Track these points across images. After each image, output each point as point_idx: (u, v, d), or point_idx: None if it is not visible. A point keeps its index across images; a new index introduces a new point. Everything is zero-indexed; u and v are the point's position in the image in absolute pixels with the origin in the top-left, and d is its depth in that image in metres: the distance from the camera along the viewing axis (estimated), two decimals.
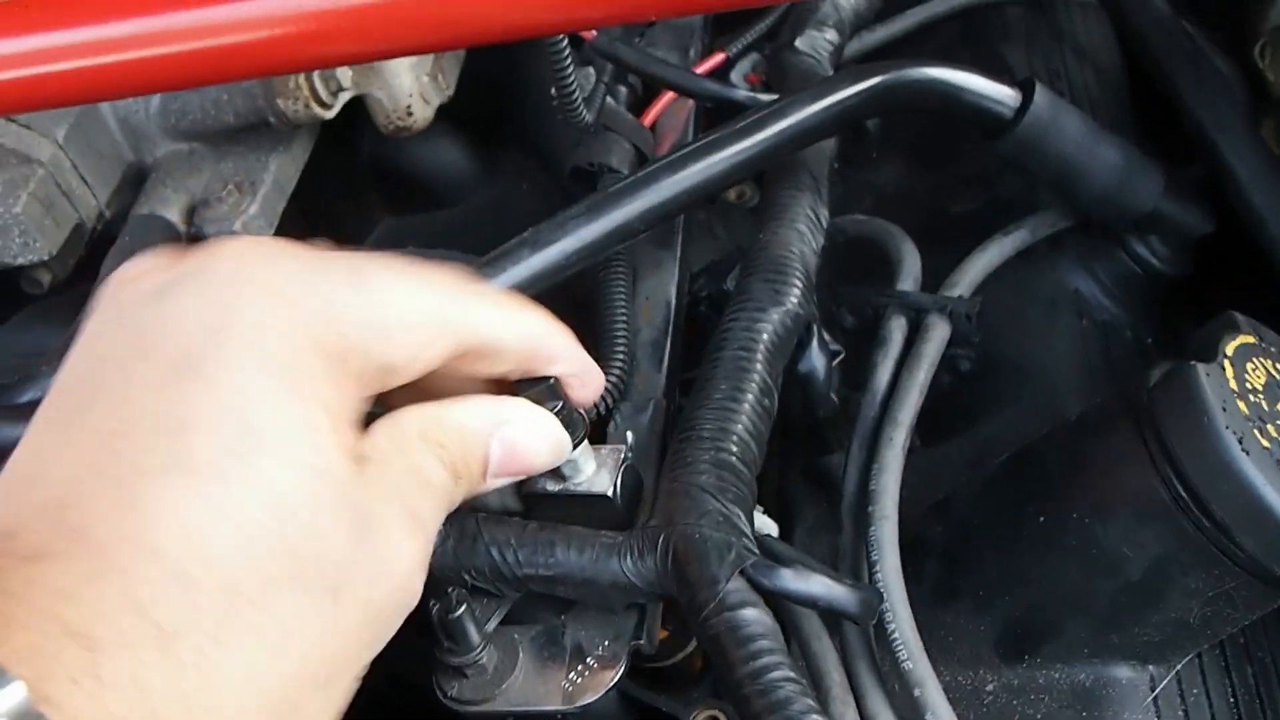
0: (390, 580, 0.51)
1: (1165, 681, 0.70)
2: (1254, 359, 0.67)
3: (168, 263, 0.53)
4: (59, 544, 0.43)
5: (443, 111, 1.02)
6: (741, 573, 0.60)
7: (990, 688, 0.72)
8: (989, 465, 0.77)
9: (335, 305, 0.51)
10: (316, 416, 0.48)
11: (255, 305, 0.49)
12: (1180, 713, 0.70)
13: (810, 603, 0.62)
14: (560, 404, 0.60)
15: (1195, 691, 0.71)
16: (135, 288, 0.52)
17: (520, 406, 0.60)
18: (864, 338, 0.86)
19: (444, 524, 0.61)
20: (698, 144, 0.76)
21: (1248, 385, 0.65)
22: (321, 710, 0.49)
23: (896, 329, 0.84)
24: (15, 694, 0.38)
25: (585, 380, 0.63)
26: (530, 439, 0.59)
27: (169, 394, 0.46)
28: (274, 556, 0.45)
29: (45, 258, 0.89)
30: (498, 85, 1.07)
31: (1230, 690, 0.73)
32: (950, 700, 0.66)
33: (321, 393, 0.49)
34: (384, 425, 0.54)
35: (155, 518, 0.44)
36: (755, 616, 0.59)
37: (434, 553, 0.61)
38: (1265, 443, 0.62)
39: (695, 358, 0.76)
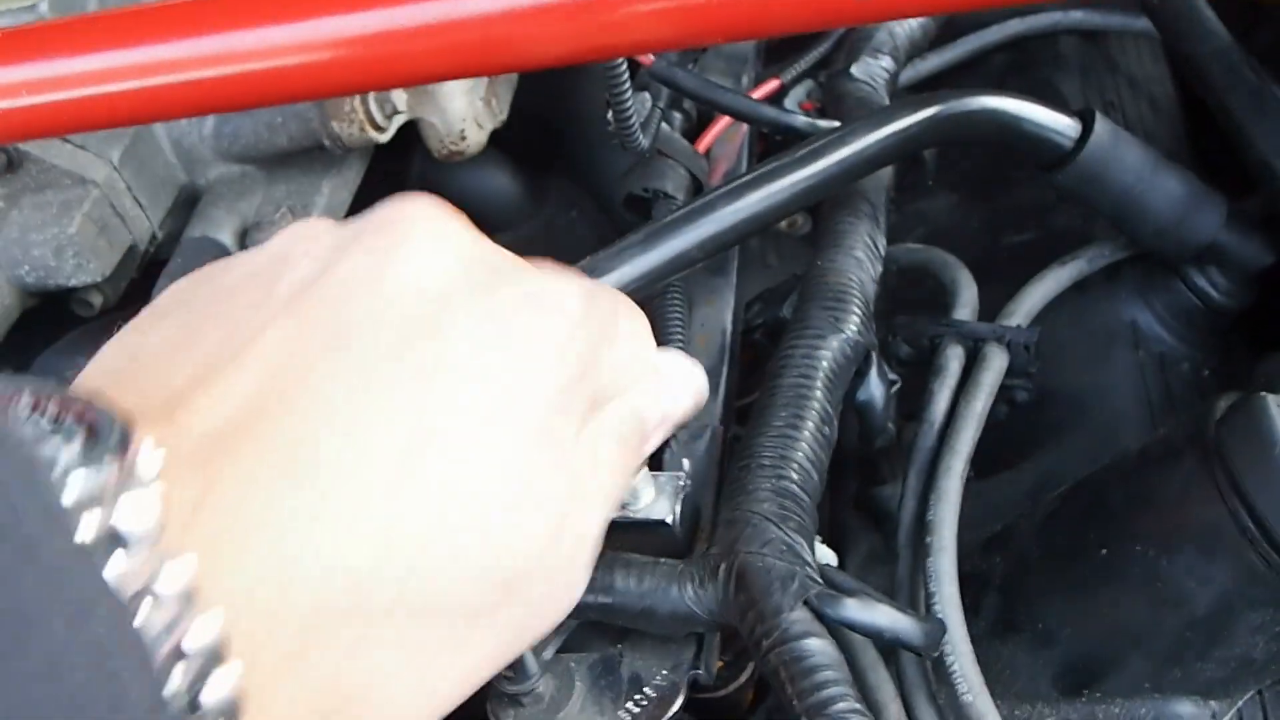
0: (562, 595, 0.50)
1: (1227, 717, 0.69)
2: None
3: (475, 247, 0.50)
4: (290, 471, 0.41)
5: (492, 138, 1.02)
6: (805, 602, 0.60)
7: None
8: (1047, 497, 0.76)
9: (606, 357, 0.51)
10: (562, 456, 0.48)
11: (546, 358, 0.48)
12: None
13: (875, 634, 0.61)
14: None
15: None
16: (453, 251, 0.49)
17: (672, 365, 0.58)
18: (919, 368, 0.85)
19: None
20: (757, 172, 0.76)
21: None
22: (468, 684, 0.48)
23: (954, 358, 0.83)
24: (210, 628, 0.36)
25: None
26: (678, 394, 0.58)
27: (442, 393, 0.44)
28: (479, 591, 0.45)
29: (98, 279, 0.89)
30: (549, 112, 1.07)
31: None
32: None
33: (570, 420, 0.49)
34: (590, 428, 0.52)
35: (388, 502, 0.42)
36: (820, 647, 0.58)
37: None
38: None
39: (750, 385, 0.76)
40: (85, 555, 0.34)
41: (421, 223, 0.49)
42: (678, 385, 0.58)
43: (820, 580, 0.61)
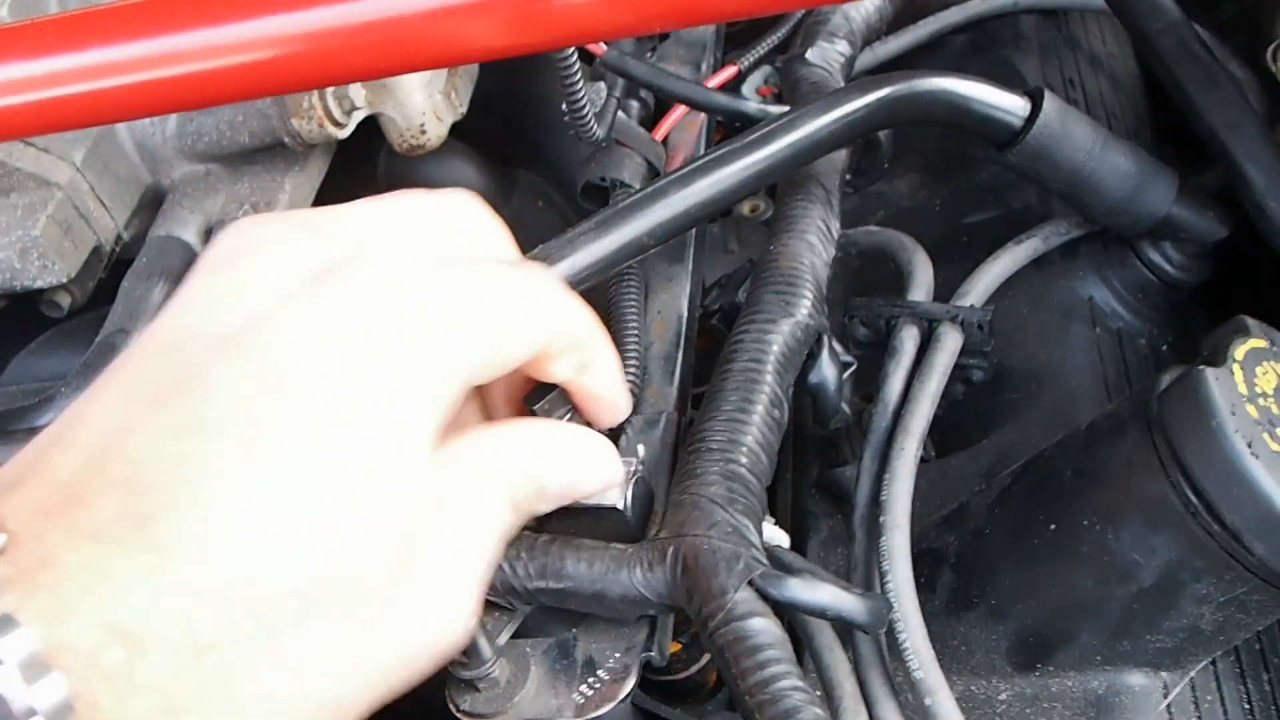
0: (432, 625, 0.51)
1: (1179, 688, 0.70)
2: (1264, 363, 0.67)
3: (298, 241, 0.51)
4: (120, 530, 0.42)
5: (457, 131, 1.03)
6: (750, 583, 0.60)
7: (1003, 697, 0.72)
8: (1002, 475, 0.77)
9: (459, 348, 0.51)
10: (402, 469, 0.48)
11: (388, 345, 0.48)
12: (1195, 719, 0.70)
13: (819, 612, 0.62)
14: (569, 411, 0.61)
15: (1210, 699, 0.71)
16: (260, 263, 0.50)
17: (576, 437, 0.60)
18: (877, 349, 0.86)
19: None
20: (707, 158, 0.76)
21: (1257, 389, 0.65)
22: (345, 711, 0.49)
23: (908, 339, 0.84)
24: (57, 689, 0.39)
25: (614, 408, 0.64)
26: (587, 470, 0.61)
27: (266, 409, 0.46)
28: (319, 589, 0.46)
29: (64, 280, 0.90)
30: (511, 104, 1.08)
31: (1245, 697, 0.72)
32: (964, 710, 0.66)
33: (417, 442, 0.49)
34: (458, 460, 0.53)
35: (217, 531, 0.44)
36: (763, 626, 0.59)
37: None
38: (1276, 446, 0.62)
39: (708, 371, 0.77)
40: None
41: (248, 251, 0.50)
42: (582, 462, 0.60)
43: (765, 561, 0.62)
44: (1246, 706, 0.72)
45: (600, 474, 0.62)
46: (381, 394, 0.48)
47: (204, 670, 0.43)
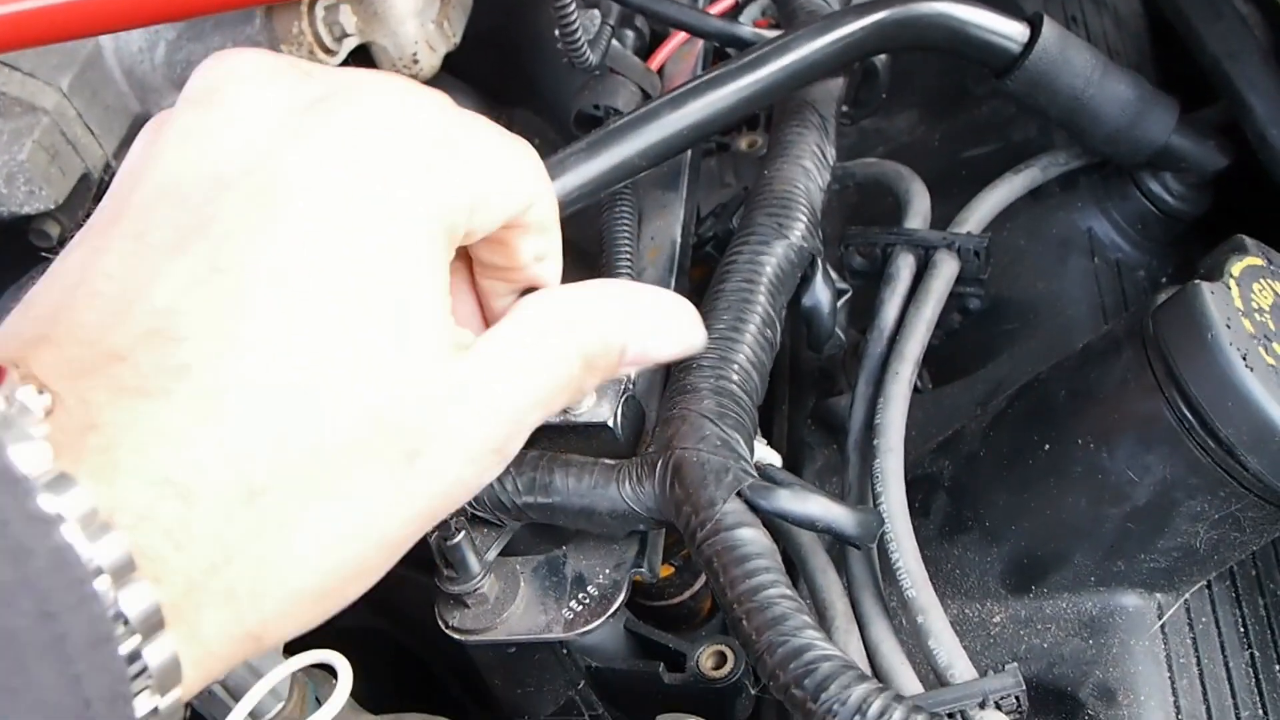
0: (470, 459, 0.50)
1: (1173, 610, 0.69)
2: (1261, 280, 0.66)
3: (289, 73, 0.50)
4: (163, 380, 0.42)
5: (454, 68, 1.02)
6: (739, 495, 0.60)
7: (997, 619, 0.71)
8: (997, 402, 0.76)
9: (463, 179, 0.50)
10: (421, 298, 0.48)
11: (399, 172, 0.48)
12: (1189, 641, 0.69)
13: (808, 523, 0.61)
14: None
15: (1204, 620, 0.70)
16: (255, 94, 0.49)
17: (657, 296, 0.59)
18: (873, 279, 0.85)
19: None
20: (700, 80, 0.76)
21: (1254, 304, 0.64)
22: (380, 569, 0.49)
23: (904, 266, 0.83)
24: (117, 547, 0.39)
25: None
26: (665, 334, 0.59)
27: (288, 248, 0.45)
28: (363, 422, 0.45)
29: (51, 207, 0.89)
30: (506, 40, 1.07)
31: (1240, 620, 0.72)
32: (958, 632, 0.66)
33: (429, 275, 0.49)
34: (529, 309, 0.54)
35: (260, 370, 0.43)
36: (752, 536, 0.59)
37: None
38: (1270, 360, 0.61)
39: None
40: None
41: (233, 82, 0.49)
42: (658, 323, 0.58)
43: (755, 474, 0.62)
44: (1241, 630, 0.72)
45: (675, 341, 0.59)
46: (401, 222, 0.47)
47: (258, 514, 0.43)
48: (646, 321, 0.58)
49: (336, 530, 0.45)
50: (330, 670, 0.63)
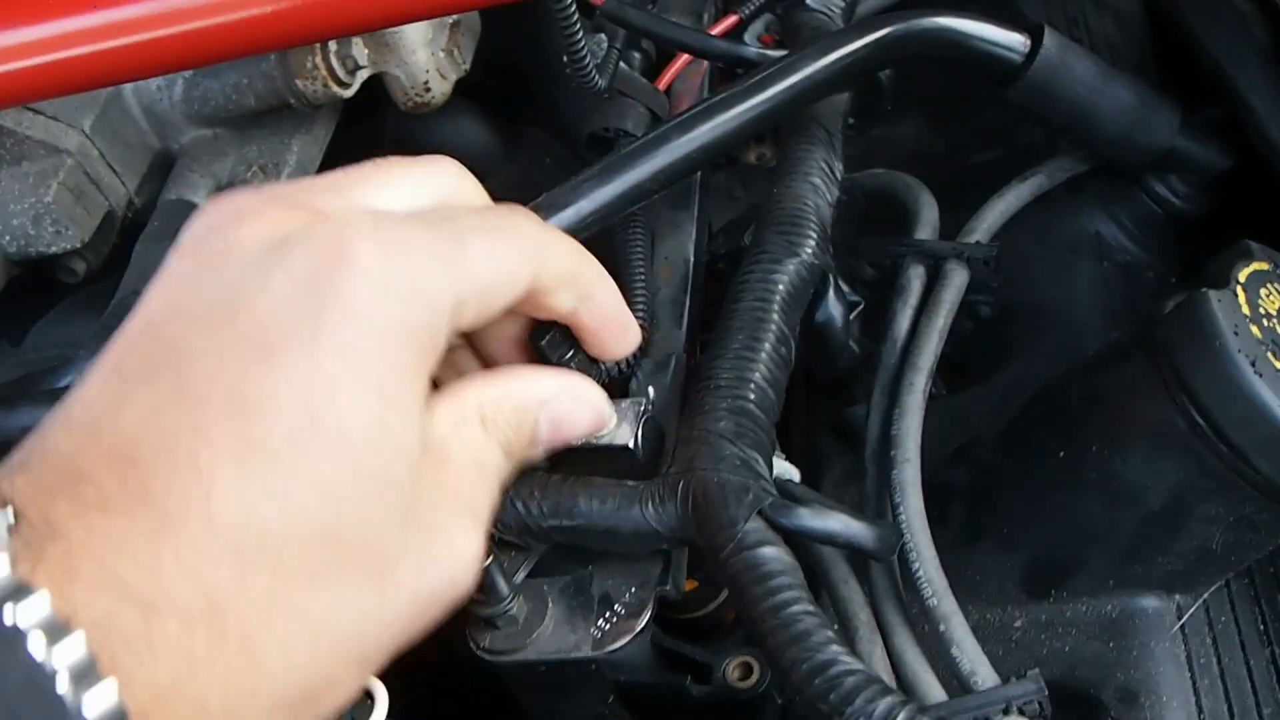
0: (439, 573, 0.52)
1: (1192, 610, 0.70)
2: (1268, 285, 0.67)
3: (268, 214, 0.52)
4: (123, 501, 0.43)
5: (463, 90, 1.03)
6: (760, 513, 0.61)
7: (1018, 624, 0.72)
8: (1011, 408, 0.77)
9: (432, 292, 0.51)
10: (388, 417, 0.49)
11: (354, 295, 0.49)
12: (1208, 640, 0.70)
13: (828, 539, 0.63)
14: (571, 350, 0.62)
15: (1224, 619, 0.72)
16: (231, 239, 0.51)
17: (563, 378, 0.61)
18: (884, 290, 0.86)
19: None
20: (707, 103, 0.77)
21: (1261, 310, 0.65)
22: (354, 683, 0.51)
23: (915, 277, 0.84)
24: (77, 648, 0.39)
25: (623, 335, 0.65)
26: (576, 412, 0.61)
27: (247, 371, 0.47)
28: (323, 543, 0.46)
29: (78, 245, 0.91)
30: (515, 61, 1.08)
31: (1260, 618, 0.73)
32: (979, 638, 0.67)
33: (400, 389, 0.50)
34: (446, 408, 0.55)
35: (216, 491, 0.44)
36: (774, 554, 0.60)
37: None
38: (1279, 365, 0.62)
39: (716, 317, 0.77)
40: None
41: (216, 230, 0.52)
42: (571, 400, 0.61)
43: (774, 492, 0.63)
44: (1261, 628, 0.73)
45: (589, 416, 0.62)
46: (357, 346, 0.48)
47: (220, 630, 0.44)
48: (560, 407, 0.60)
49: (302, 647, 0.46)
50: (364, 693, 0.65)
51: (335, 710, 0.50)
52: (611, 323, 0.63)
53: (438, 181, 0.59)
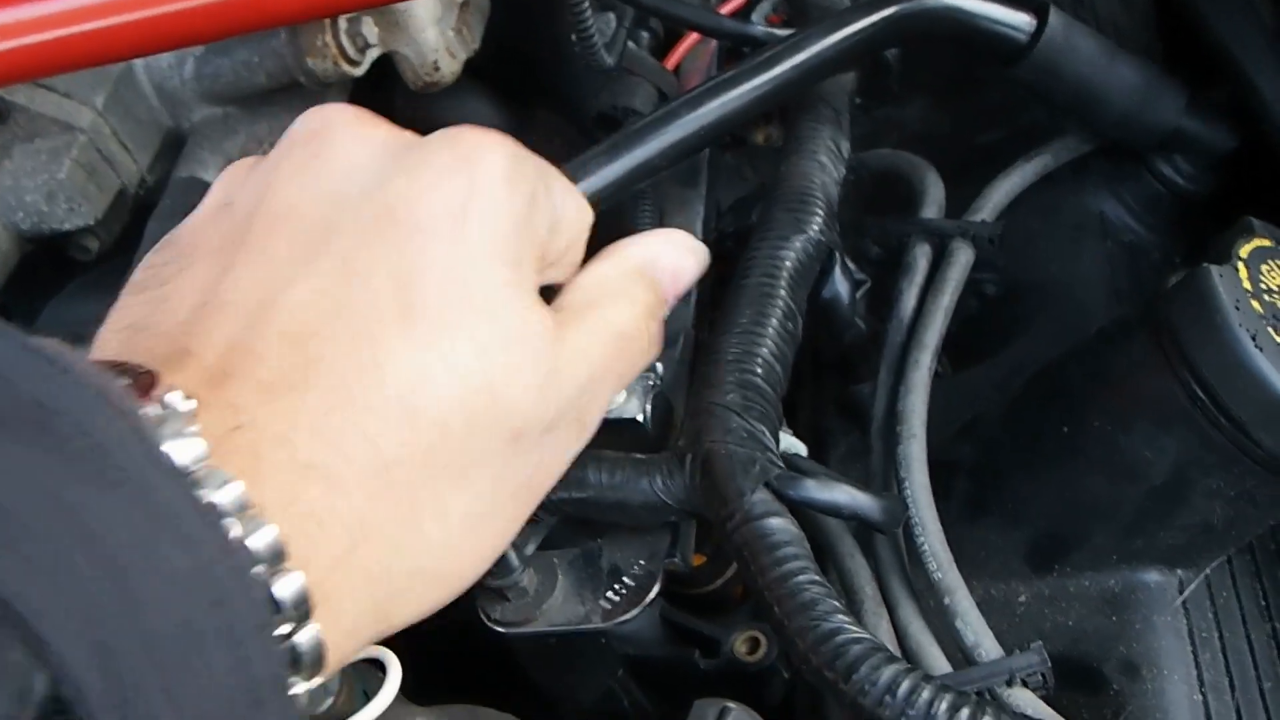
0: (578, 436, 0.58)
1: (1194, 584, 0.71)
2: (1270, 261, 0.68)
3: (388, 127, 0.57)
4: (299, 375, 0.46)
5: (472, 70, 1.04)
6: (766, 485, 0.62)
7: (1022, 598, 0.73)
8: (1015, 385, 0.78)
9: (546, 208, 0.57)
10: (523, 294, 0.53)
11: (491, 196, 0.53)
12: (1210, 615, 0.71)
13: (834, 510, 0.63)
14: None
15: (1225, 594, 0.72)
16: (363, 135, 0.55)
17: (664, 235, 0.68)
18: (890, 269, 0.87)
19: None
20: (715, 81, 0.78)
21: (1262, 285, 0.66)
22: (503, 543, 0.56)
23: (921, 255, 0.85)
24: (270, 536, 0.42)
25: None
26: (683, 259, 0.67)
27: (408, 252, 0.50)
28: (481, 402, 0.50)
29: (90, 222, 0.92)
30: (524, 40, 1.08)
31: (1262, 593, 0.73)
32: (984, 612, 0.68)
33: (527, 276, 0.54)
34: (600, 269, 0.62)
35: (386, 356, 0.48)
36: (780, 525, 0.61)
37: None
38: None
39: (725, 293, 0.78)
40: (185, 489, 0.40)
41: (337, 126, 0.56)
42: (680, 246, 0.67)
43: (781, 464, 0.64)
44: (1263, 603, 0.73)
45: (696, 260, 0.68)
46: (496, 232, 0.53)
47: (391, 492, 0.47)
48: (669, 261, 0.66)
49: (459, 508, 0.50)
50: (377, 664, 0.66)
51: (471, 582, 0.54)
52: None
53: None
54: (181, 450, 0.41)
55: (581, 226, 0.62)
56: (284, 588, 0.42)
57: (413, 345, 0.49)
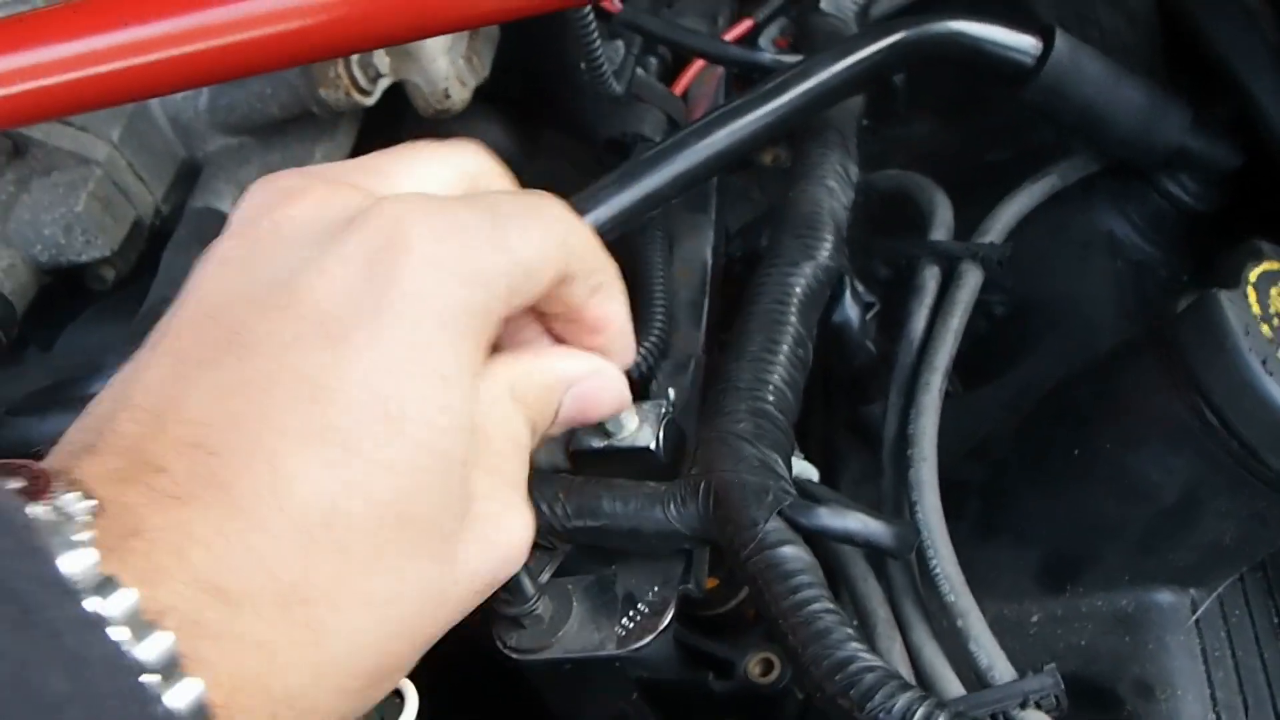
0: (498, 551, 0.53)
1: (1206, 604, 0.71)
2: (1278, 284, 0.68)
3: (315, 191, 0.53)
4: (196, 489, 0.44)
5: (482, 95, 1.05)
6: (780, 513, 0.63)
7: (1035, 618, 0.73)
8: (1025, 406, 0.78)
9: (486, 273, 0.52)
10: (448, 398, 0.50)
11: (413, 277, 0.49)
12: (1223, 634, 0.71)
13: (847, 538, 0.64)
14: None
15: (1238, 613, 0.73)
16: (280, 218, 0.52)
17: (590, 360, 0.61)
18: (900, 290, 0.88)
19: None
20: (724, 109, 0.78)
21: (1271, 310, 0.66)
22: (412, 662, 0.51)
23: (930, 278, 0.85)
24: (164, 642, 0.40)
25: (624, 338, 0.64)
26: (602, 392, 0.61)
27: (311, 357, 0.47)
28: (389, 525, 0.47)
29: (107, 254, 0.92)
30: (533, 67, 1.09)
31: (1274, 611, 0.74)
32: (996, 633, 0.68)
33: (459, 370, 0.50)
34: (488, 384, 0.55)
35: (289, 479, 0.45)
36: (794, 554, 0.61)
37: None
38: None
39: (735, 318, 0.78)
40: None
41: (273, 207, 0.53)
42: (597, 381, 0.61)
43: (794, 492, 0.64)
44: (1275, 621, 0.74)
45: (614, 398, 0.62)
46: (418, 329, 0.49)
47: (293, 618, 0.45)
48: (585, 388, 0.60)
49: (370, 631, 0.48)
50: (395, 693, 0.66)
51: (389, 690, 0.52)
52: (616, 322, 0.62)
53: (466, 161, 0.59)
54: (72, 562, 0.39)
55: (564, 251, 0.56)
56: (177, 698, 0.39)
57: (315, 465, 0.46)
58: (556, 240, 0.56)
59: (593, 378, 0.61)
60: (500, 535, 0.53)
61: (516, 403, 0.56)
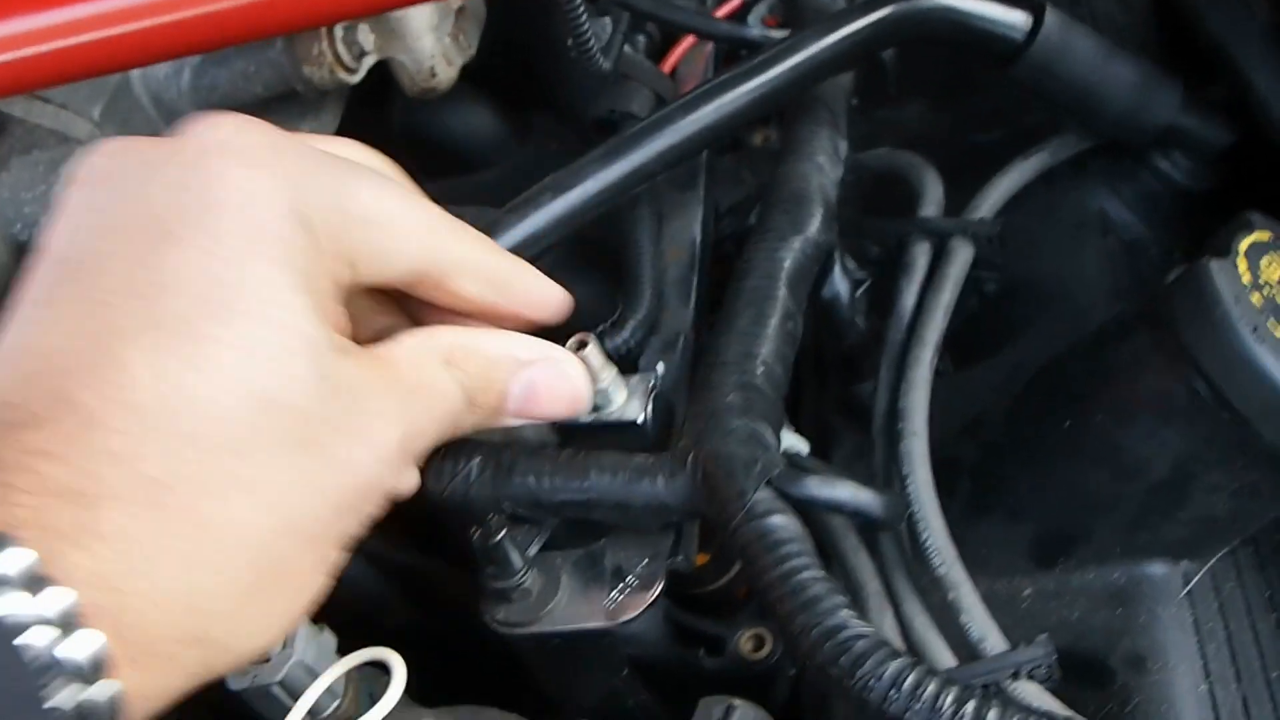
0: (366, 453, 0.52)
1: (1198, 577, 0.71)
2: (1269, 254, 0.68)
3: (146, 140, 0.54)
4: (48, 410, 0.45)
5: (470, 76, 1.04)
6: (768, 483, 0.62)
7: (1026, 593, 0.73)
8: (1017, 382, 0.78)
9: (311, 179, 0.52)
10: (289, 278, 0.50)
11: (235, 174, 0.50)
12: (1215, 607, 0.71)
13: (836, 507, 0.63)
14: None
15: (1230, 586, 0.72)
16: (116, 161, 0.53)
17: (547, 349, 0.62)
18: (890, 268, 0.87)
19: (480, 457, 0.64)
20: (711, 84, 0.78)
21: (1261, 279, 0.66)
22: (310, 569, 0.51)
23: (920, 254, 0.85)
24: (23, 558, 0.40)
25: (549, 302, 0.65)
26: (552, 386, 0.62)
27: (148, 261, 0.48)
28: (250, 409, 0.47)
29: None
30: (521, 45, 1.09)
31: (1266, 584, 0.74)
32: (989, 608, 0.68)
33: (295, 259, 0.50)
34: (414, 335, 0.56)
35: (135, 377, 0.46)
36: (782, 523, 0.60)
37: (472, 484, 0.64)
38: None
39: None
40: None
41: (94, 163, 0.54)
42: (552, 373, 0.62)
43: (782, 463, 0.64)
44: (1268, 593, 0.73)
45: (568, 394, 0.64)
46: (244, 217, 0.50)
47: (162, 508, 0.45)
48: (537, 374, 0.61)
49: (246, 516, 0.47)
50: (382, 667, 0.66)
51: (301, 604, 0.51)
52: (536, 299, 0.63)
53: (341, 146, 0.60)
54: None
55: (419, 229, 0.57)
56: (45, 606, 0.40)
57: (159, 355, 0.46)
58: (416, 216, 0.57)
59: (544, 365, 0.61)
60: (368, 439, 0.52)
61: (450, 363, 0.57)
